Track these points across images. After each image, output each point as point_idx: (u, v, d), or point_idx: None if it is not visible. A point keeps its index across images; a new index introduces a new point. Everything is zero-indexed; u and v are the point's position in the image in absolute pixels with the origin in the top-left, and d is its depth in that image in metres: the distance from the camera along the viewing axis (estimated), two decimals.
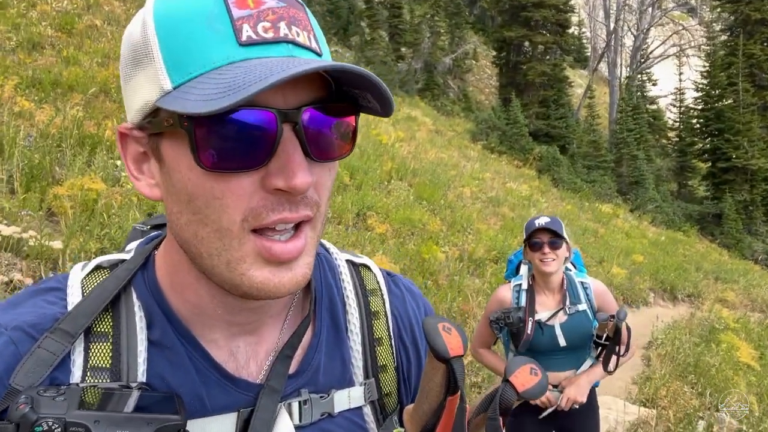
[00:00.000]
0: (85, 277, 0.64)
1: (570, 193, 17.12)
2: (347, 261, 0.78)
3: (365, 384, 0.71)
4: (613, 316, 2.24)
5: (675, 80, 25.50)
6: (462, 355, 0.59)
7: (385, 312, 0.76)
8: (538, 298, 2.41)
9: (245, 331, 0.65)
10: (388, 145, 11.20)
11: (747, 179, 20.59)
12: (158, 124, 0.54)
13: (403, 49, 22.19)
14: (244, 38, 0.50)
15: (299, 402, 0.66)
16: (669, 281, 11.18)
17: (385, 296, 0.77)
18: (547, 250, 2.33)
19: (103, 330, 0.60)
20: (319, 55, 0.55)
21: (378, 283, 0.78)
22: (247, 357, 0.65)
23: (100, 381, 0.58)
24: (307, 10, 0.57)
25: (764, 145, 21.10)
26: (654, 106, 28.90)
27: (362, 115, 0.61)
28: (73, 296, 0.62)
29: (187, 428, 0.55)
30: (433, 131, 16.72)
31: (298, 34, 0.53)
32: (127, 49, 0.56)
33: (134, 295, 0.63)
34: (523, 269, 2.52)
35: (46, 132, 4.86)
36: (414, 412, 0.65)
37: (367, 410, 0.71)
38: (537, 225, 2.35)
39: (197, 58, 0.50)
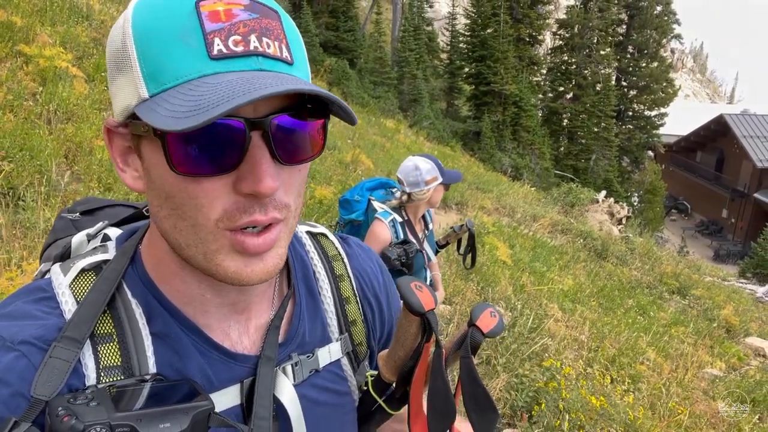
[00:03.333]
0: (72, 282, 0.65)
1: (358, 108, 17.79)
2: (307, 232, 0.85)
3: (340, 339, 0.81)
4: (462, 226, 2.60)
5: (449, 4, 27.50)
6: (434, 308, 0.69)
7: (348, 274, 0.85)
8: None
9: (235, 311, 0.70)
10: None
11: (501, 102, 23.77)
12: (137, 127, 0.56)
13: None
14: (215, 52, 0.53)
15: (291, 365, 0.74)
16: None
17: (345, 260, 0.86)
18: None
19: (106, 331, 0.63)
20: (290, 64, 0.57)
21: (337, 248, 0.86)
22: (239, 334, 0.71)
23: (114, 379, 0.61)
24: (283, 17, 0.59)
25: (515, 72, 24.43)
26: (429, 28, 30.95)
27: None
28: (67, 303, 0.63)
29: (216, 410, 0.59)
30: None
31: (268, 46, 0.55)
32: (110, 52, 0.59)
33: (129, 294, 0.66)
34: (379, 205, 2.59)
35: None
36: (389, 358, 0.75)
37: (345, 361, 0.81)
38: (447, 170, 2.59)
39: (171, 70, 0.53)
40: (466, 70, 25.40)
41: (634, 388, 4.47)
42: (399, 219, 2.58)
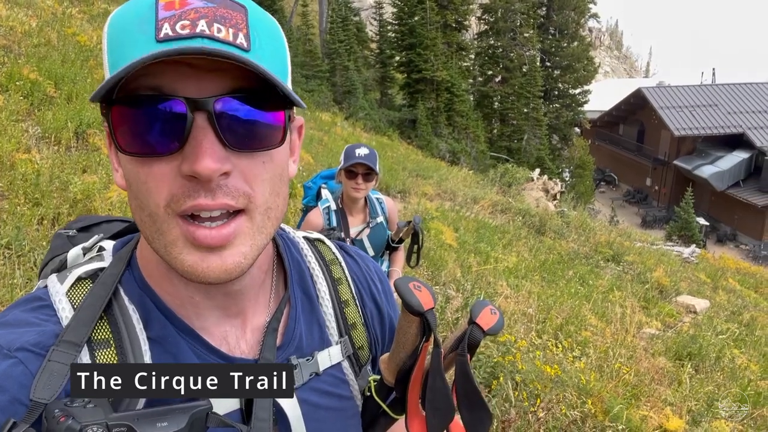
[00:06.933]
0: (69, 290, 0.65)
1: None
2: (304, 238, 0.86)
3: (340, 342, 0.80)
4: (409, 222, 2.60)
5: None
6: (433, 308, 0.68)
7: (346, 277, 0.85)
8: (348, 218, 2.60)
9: (229, 315, 0.70)
10: (91, 48, 9.59)
11: (433, 89, 24.06)
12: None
13: None
14: (161, 35, 0.53)
15: None
16: (384, 181, 12.77)
17: (343, 264, 0.86)
18: (360, 180, 2.53)
19: (103, 337, 0.63)
20: (245, 50, 0.55)
21: (334, 253, 0.86)
22: (237, 338, 0.71)
23: None
24: (251, 11, 0.59)
25: (445, 59, 24.76)
26: (357, 18, 30.81)
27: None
28: (64, 310, 0.63)
29: (214, 410, 0.59)
30: None
31: (219, 30, 0.54)
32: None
33: (125, 299, 0.66)
34: (326, 193, 2.65)
35: None
36: (390, 361, 0.74)
37: (346, 364, 0.80)
38: (357, 156, 2.47)
39: (125, 55, 0.54)
40: (397, 58, 25.50)
41: (582, 354, 4.70)
42: (334, 207, 2.62)
